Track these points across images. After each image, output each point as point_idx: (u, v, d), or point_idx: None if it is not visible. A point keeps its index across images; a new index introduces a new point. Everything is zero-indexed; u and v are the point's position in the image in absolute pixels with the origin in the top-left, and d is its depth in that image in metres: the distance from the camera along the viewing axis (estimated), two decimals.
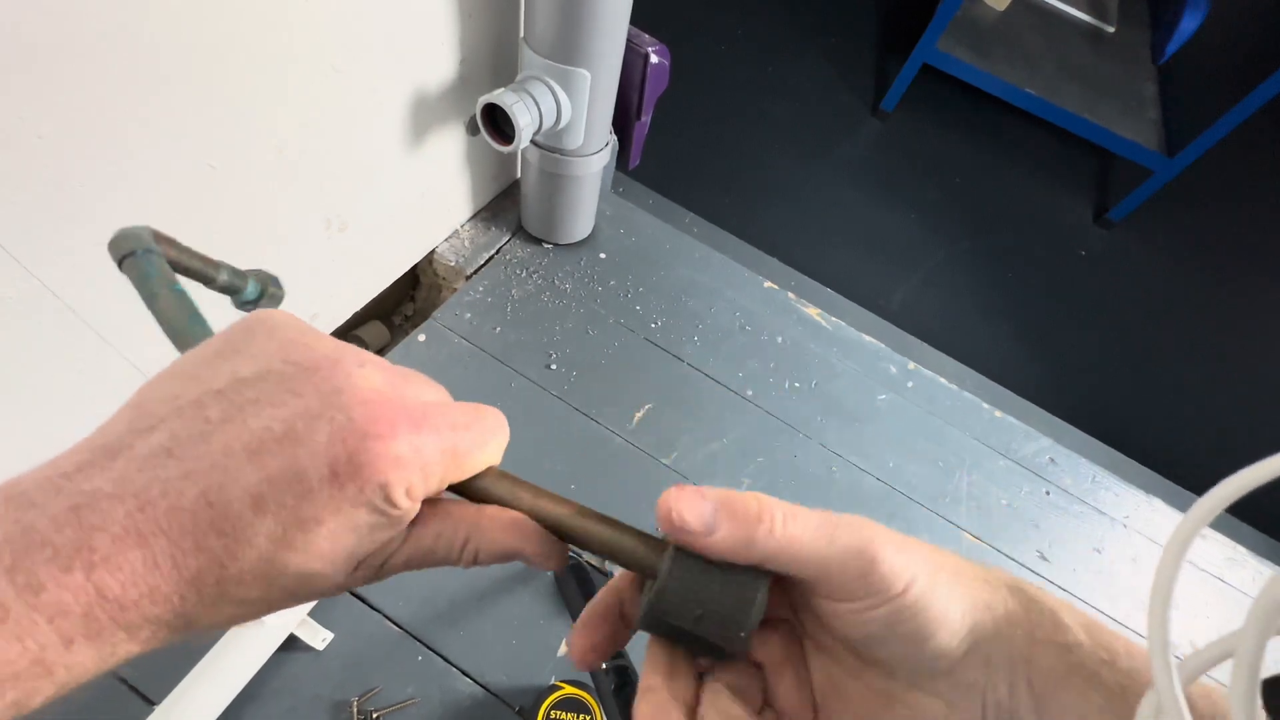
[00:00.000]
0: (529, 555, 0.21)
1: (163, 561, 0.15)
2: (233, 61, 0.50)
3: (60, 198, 0.45)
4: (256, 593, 0.17)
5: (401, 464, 0.17)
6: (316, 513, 0.16)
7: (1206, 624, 0.80)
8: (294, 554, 0.16)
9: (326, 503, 0.16)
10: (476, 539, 0.21)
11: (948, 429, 0.87)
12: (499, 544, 0.21)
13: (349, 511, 0.17)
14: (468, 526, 0.21)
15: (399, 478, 0.17)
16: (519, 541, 0.21)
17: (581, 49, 0.66)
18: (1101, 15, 1.95)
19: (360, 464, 0.17)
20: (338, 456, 0.16)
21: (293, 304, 0.73)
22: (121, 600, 0.15)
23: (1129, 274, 1.69)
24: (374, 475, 0.17)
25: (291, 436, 0.16)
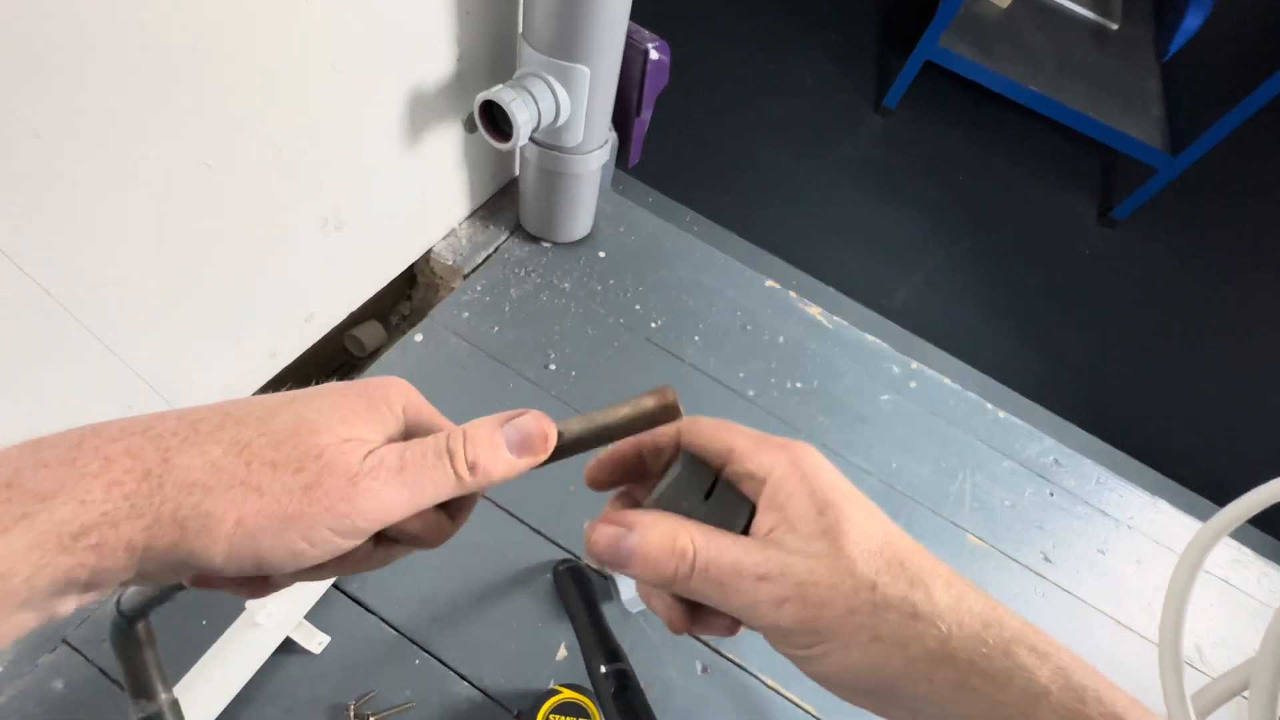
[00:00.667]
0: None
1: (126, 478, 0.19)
2: (230, 60, 0.49)
3: (58, 198, 0.44)
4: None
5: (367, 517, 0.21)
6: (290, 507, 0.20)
7: (1211, 625, 0.80)
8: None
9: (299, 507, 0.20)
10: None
11: (951, 430, 0.86)
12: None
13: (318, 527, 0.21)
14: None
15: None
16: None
17: (580, 45, 0.66)
18: (1105, 12, 1.94)
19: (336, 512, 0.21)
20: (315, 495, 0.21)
21: (290, 304, 0.73)
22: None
23: (1133, 273, 1.68)
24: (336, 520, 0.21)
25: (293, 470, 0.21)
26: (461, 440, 0.23)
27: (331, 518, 0.20)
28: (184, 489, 0.19)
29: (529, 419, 0.24)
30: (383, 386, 0.24)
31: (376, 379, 0.24)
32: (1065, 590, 0.77)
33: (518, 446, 0.23)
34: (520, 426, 0.24)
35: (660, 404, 0.25)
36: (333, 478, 0.20)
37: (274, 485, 0.20)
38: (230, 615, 0.57)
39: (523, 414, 0.24)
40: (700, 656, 0.65)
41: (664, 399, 0.25)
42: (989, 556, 0.78)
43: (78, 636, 0.57)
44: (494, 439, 0.23)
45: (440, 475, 0.22)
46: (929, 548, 0.81)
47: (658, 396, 0.25)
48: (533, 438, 0.24)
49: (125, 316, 0.53)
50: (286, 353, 0.72)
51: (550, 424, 0.24)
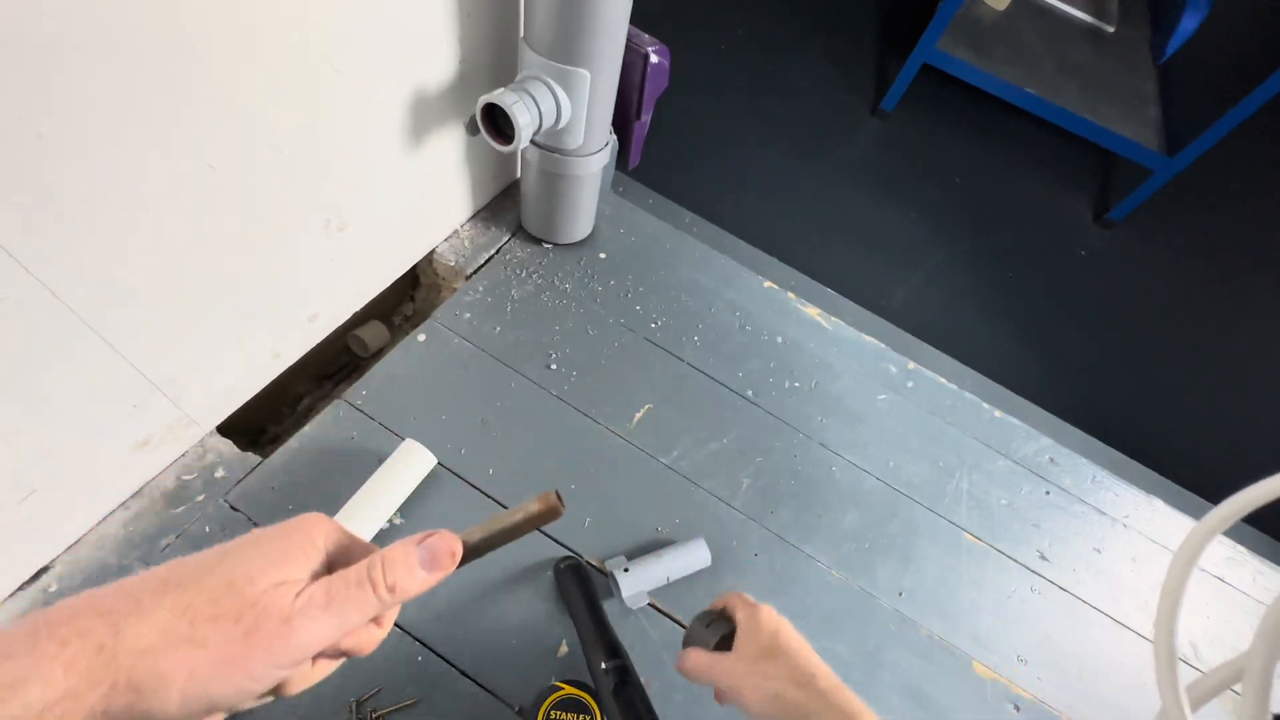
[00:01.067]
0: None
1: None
2: (233, 62, 0.50)
3: (62, 199, 0.45)
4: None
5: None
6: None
7: (1206, 623, 0.80)
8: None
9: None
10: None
11: (948, 429, 0.87)
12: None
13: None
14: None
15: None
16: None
17: (581, 48, 0.66)
18: (1102, 15, 1.95)
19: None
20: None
21: (292, 304, 0.73)
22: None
23: (1129, 274, 1.69)
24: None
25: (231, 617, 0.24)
26: (380, 567, 0.26)
27: (271, 655, 0.23)
28: (136, 655, 0.22)
29: (437, 539, 0.28)
30: (303, 527, 0.27)
31: (297, 520, 0.27)
32: (1062, 588, 0.78)
33: (429, 564, 0.27)
34: (430, 547, 0.27)
35: (544, 507, 0.29)
36: (269, 621, 0.23)
37: (217, 636, 0.23)
38: None
39: (432, 535, 0.28)
40: None
41: (546, 502, 0.29)
42: (986, 555, 0.78)
43: None
44: (409, 560, 0.27)
45: (363, 601, 0.25)
46: (926, 546, 0.82)
47: (541, 500, 0.29)
48: (441, 555, 0.27)
49: (129, 317, 0.53)
50: (289, 353, 0.73)
51: (456, 541, 0.28)
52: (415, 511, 0.67)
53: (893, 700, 0.67)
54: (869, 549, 0.76)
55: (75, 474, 0.57)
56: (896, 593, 0.73)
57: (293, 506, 0.66)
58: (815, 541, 0.75)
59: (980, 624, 0.74)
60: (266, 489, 0.66)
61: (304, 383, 0.87)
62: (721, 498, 0.75)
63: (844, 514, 0.77)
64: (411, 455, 0.67)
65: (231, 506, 0.65)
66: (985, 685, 0.70)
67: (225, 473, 0.67)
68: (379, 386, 0.75)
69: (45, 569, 0.59)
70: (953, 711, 0.68)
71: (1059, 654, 0.74)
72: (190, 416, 0.65)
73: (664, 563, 0.67)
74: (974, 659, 0.71)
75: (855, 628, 0.70)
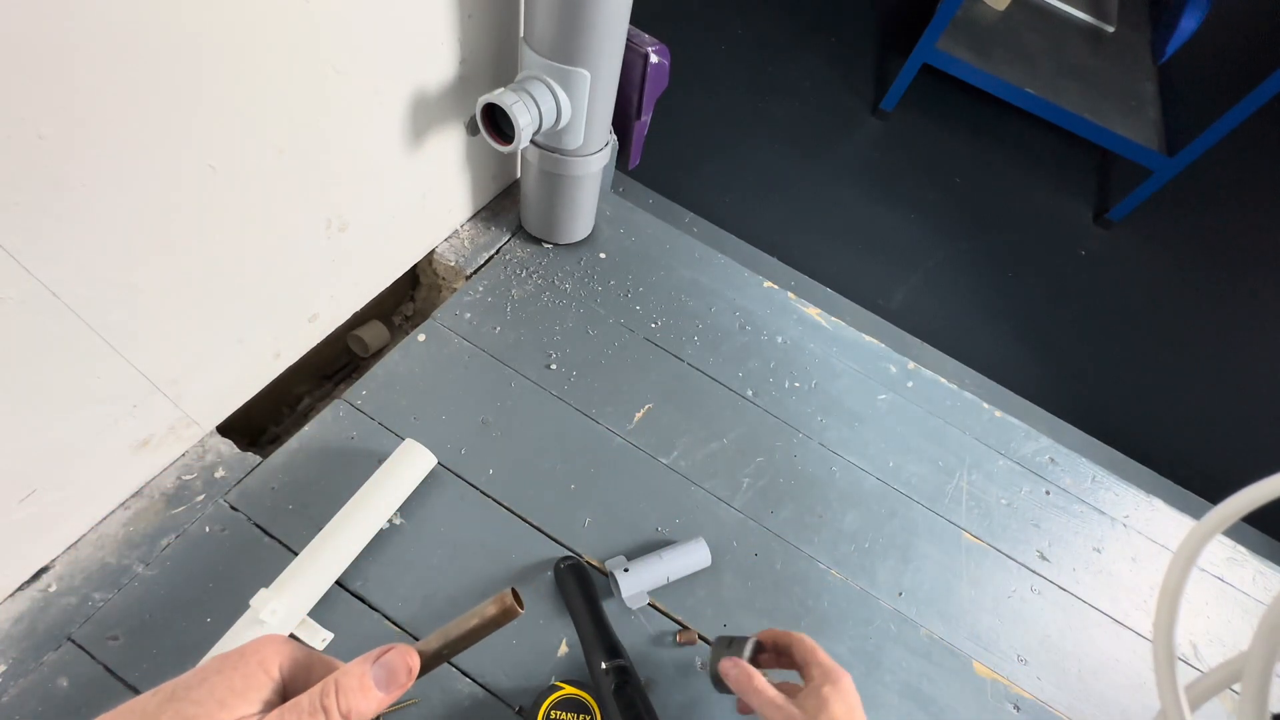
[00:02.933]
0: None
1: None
2: (233, 62, 0.50)
3: (63, 199, 0.45)
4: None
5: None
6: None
7: (1206, 623, 0.80)
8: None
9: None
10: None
11: (948, 429, 0.87)
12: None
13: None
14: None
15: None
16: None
17: (581, 49, 0.66)
18: (1101, 15, 1.95)
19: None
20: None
21: (293, 305, 0.73)
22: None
23: (1129, 273, 1.69)
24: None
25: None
26: (334, 693, 0.25)
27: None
28: None
29: (392, 656, 0.27)
30: (257, 652, 0.26)
31: (251, 645, 0.27)
32: (1061, 588, 0.78)
33: (385, 683, 0.26)
34: (386, 665, 0.26)
35: (500, 609, 0.28)
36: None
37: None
38: (234, 613, 0.58)
39: (387, 650, 0.27)
40: (700, 654, 0.66)
41: (502, 604, 0.28)
42: (985, 554, 0.78)
43: (82, 635, 0.57)
44: (363, 683, 0.26)
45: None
46: (926, 546, 0.82)
47: (497, 603, 0.28)
48: (398, 672, 0.27)
49: (129, 317, 0.53)
50: (290, 353, 0.73)
51: (413, 655, 0.27)
52: (415, 512, 0.68)
53: (893, 700, 0.67)
54: (869, 549, 0.76)
55: (75, 474, 0.57)
56: (896, 593, 0.73)
57: (293, 506, 0.66)
58: (815, 541, 0.75)
59: (980, 624, 0.74)
60: (266, 489, 0.66)
61: (304, 383, 0.87)
62: (721, 498, 0.75)
63: (844, 514, 0.77)
64: (411, 455, 0.67)
65: (231, 506, 0.65)
66: (985, 685, 0.70)
67: (225, 473, 0.67)
68: (379, 386, 0.75)
69: (45, 569, 0.59)
70: (953, 711, 0.68)
71: (1059, 654, 0.74)
72: (190, 416, 0.65)
73: (664, 563, 0.67)
74: (974, 659, 0.71)
75: (855, 628, 0.70)
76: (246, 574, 0.61)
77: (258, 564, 0.62)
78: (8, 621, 0.57)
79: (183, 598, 0.60)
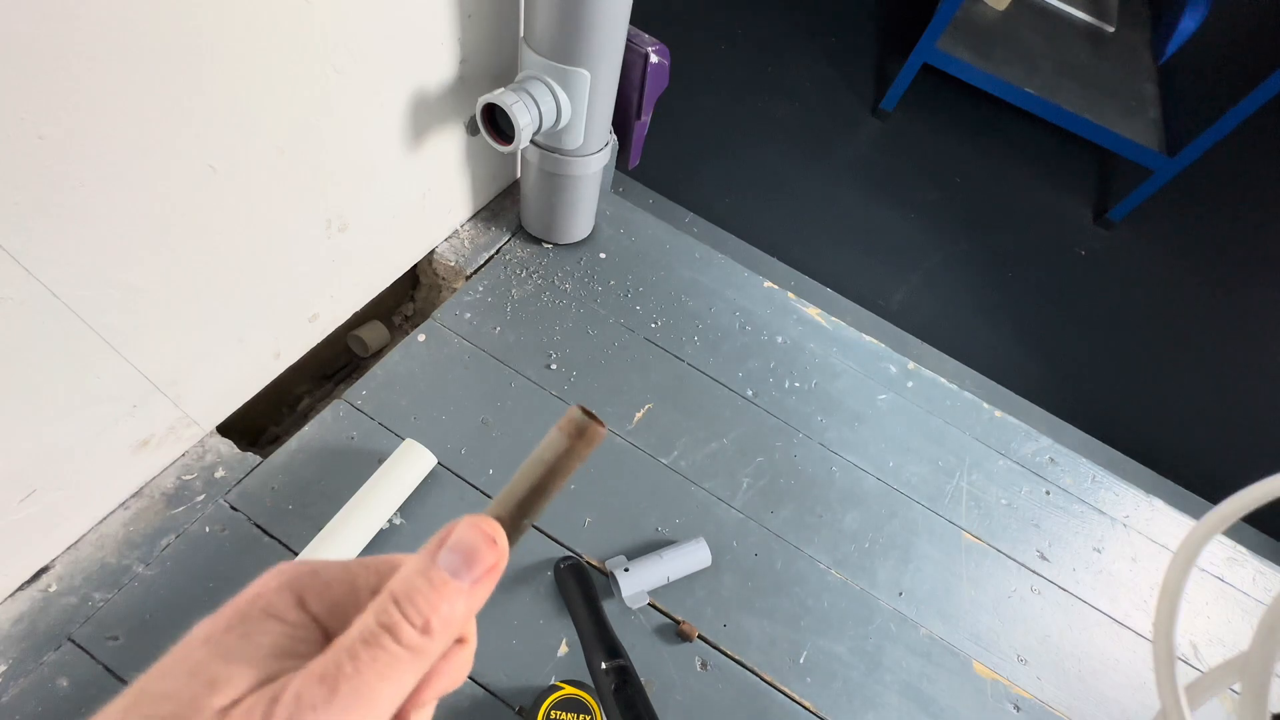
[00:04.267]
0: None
1: None
2: (233, 62, 0.50)
3: (63, 200, 0.45)
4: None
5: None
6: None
7: (1206, 623, 0.80)
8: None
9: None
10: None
11: (948, 429, 0.87)
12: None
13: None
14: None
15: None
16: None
17: (581, 49, 0.66)
18: (1102, 15, 1.95)
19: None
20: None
21: (293, 305, 0.73)
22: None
23: (1129, 274, 1.69)
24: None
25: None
26: (393, 605, 0.17)
27: None
28: None
29: (463, 530, 0.19)
30: (255, 598, 0.18)
31: (247, 590, 0.18)
32: (1061, 588, 0.78)
33: (465, 568, 0.18)
34: (457, 546, 0.19)
35: (574, 433, 0.21)
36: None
37: None
38: None
39: (452, 529, 0.19)
40: (700, 653, 0.66)
41: (575, 425, 0.21)
42: (985, 554, 0.78)
43: (82, 635, 0.57)
44: (433, 578, 0.18)
45: (389, 665, 0.17)
46: (926, 546, 0.82)
47: (568, 427, 0.21)
48: (476, 550, 0.19)
49: (130, 317, 0.53)
50: (290, 353, 0.73)
51: (488, 521, 0.20)
52: (415, 512, 0.68)
53: (893, 700, 0.67)
54: (869, 549, 0.76)
55: (75, 474, 0.57)
56: (896, 593, 0.73)
57: (293, 506, 0.66)
58: (815, 541, 0.75)
59: (980, 624, 0.74)
60: (266, 489, 0.66)
61: (304, 383, 0.87)
62: (721, 498, 0.75)
63: (844, 514, 0.77)
64: (411, 455, 0.67)
65: (231, 506, 0.65)
66: (985, 685, 0.70)
67: (225, 473, 0.67)
68: (379, 386, 0.75)
69: (45, 569, 0.59)
70: (953, 711, 0.68)
71: (1059, 654, 0.74)
72: (190, 416, 0.65)
73: (664, 563, 0.67)
74: (974, 659, 0.71)
75: (855, 628, 0.70)
76: (246, 574, 0.61)
77: (258, 564, 0.62)
78: (8, 621, 0.57)
79: (183, 598, 0.60)
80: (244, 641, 0.17)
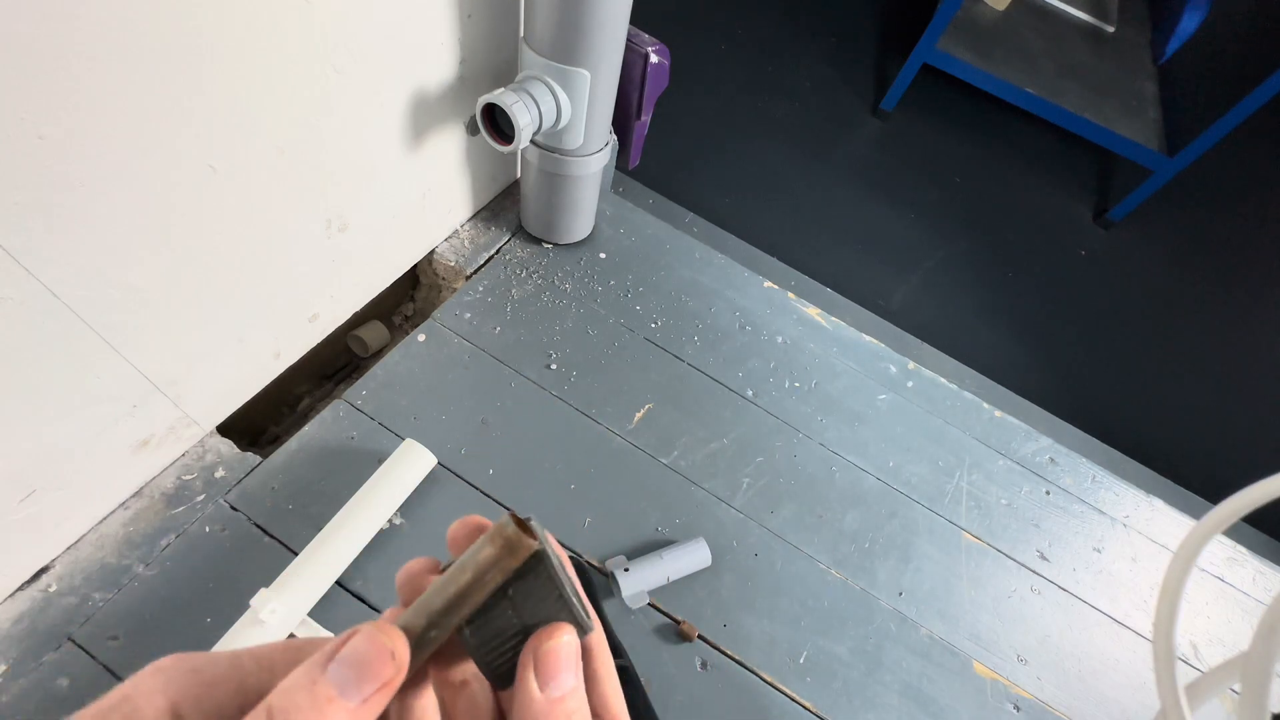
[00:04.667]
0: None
1: None
2: (233, 63, 0.50)
3: (63, 200, 0.45)
4: None
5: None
6: None
7: (1206, 623, 0.80)
8: None
9: None
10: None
11: (948, 429, 0.87)
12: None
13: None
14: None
15: None
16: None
17: (581, 49, 0.66)
18: (1102, 15, 1.95)
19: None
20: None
21: (293, 305, 0.73)
22: None
23: (1129, 274, 1.69)
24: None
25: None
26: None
27: None
28: None
29: (359, 641, 0.17)
30: (124, 699, 0.16)
31: (117, 691, 0.16)
32: (1061, 588, 0.78)
33: (354, 685, 0.16)
34: (349, 659, 0.16)
35: (502, 546, 0.19)
36: None
37: None
38: (234, 613, 0.58)
39: (351, 635, 0.17)
40: (700, 653, 0.66)
41: (504, 538, 0.19)
42: (986, 554, 0.78)
43: (82, 635, 0.57)
44: (316, 695, 0.16)
45: None
46: (926, 546, 0.81)
47: (496, 538, 0.19)
48: (371, 664, 0.17)
49: (130, 317, 0.53)
50: (290, 353, 0.73)
51: (390, 632, 0.17)
52: (415, 512, 0.68)
53: (893, 700, 0.67)
54: (869, 549, 0.76)
55: (75, 474, 0.57)
56: (896, 593, 0.73)
57: (292, 506, 0.66)
58: (815, 542, 0.75)
59: (980, 624, 0.74)
60: (266, 489, 0.66)
61: (304, 383, 0.87)
62: (721, 498, 0.75)
63: (844, 514, 0.77)
64: (411, 455, 0.67)
65: (231, 506, 0.65)
66: (985, 685, 0.70)
67: (225, 473, 0.67)
68: (379, 386, 0.75)
69: (45, 569, 0.59)
70: (953, 711, 0.68)
71: (1059, 654, 0.74)
72: (190, 416, 0.65)
73: (664, 563, 0.67)
74: (974, 659, 0.71)
75: (855, 628, 0.70)
76: (246, 574, 0.61)
77: (258, 564, 0.62)
78: (8, 621, 0.57)
79: (183, 598, 0.60)
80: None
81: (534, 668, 0.18)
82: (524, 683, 0.18)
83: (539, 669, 0.18)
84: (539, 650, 0.19)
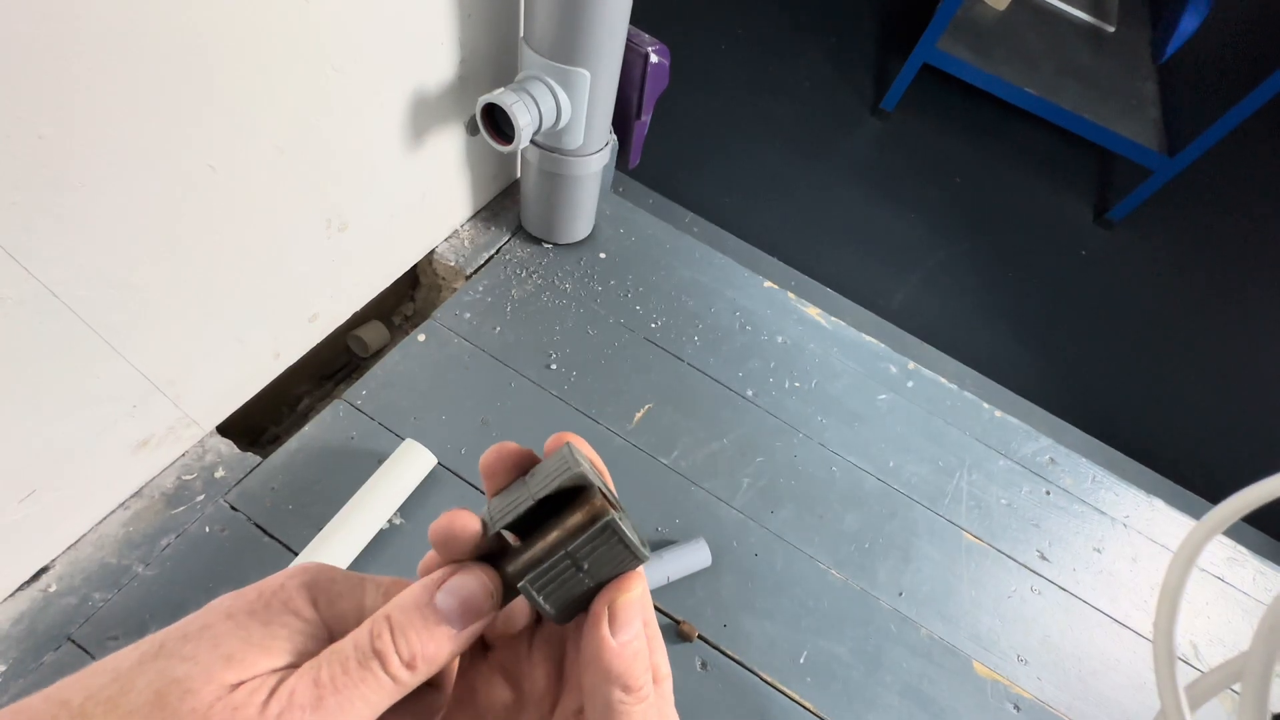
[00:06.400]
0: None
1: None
2: (233, 62, 0.50)
3: (63, 199, 0.45)
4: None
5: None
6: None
7: (1206, 623, 0.80)
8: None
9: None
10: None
11: (948, 429, 0.87)
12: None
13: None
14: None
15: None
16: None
17: (581, 49, 0.66)
18: (1102, 15, 1.95)
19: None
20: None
21: (293, 305, 0.73)
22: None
23: (1129, 274, 1.69)
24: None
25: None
26: (388, 633, 0.19)
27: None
28: None
29: (466, 578, 0.20)
30: (279, 589, 0.19)
31: (271, 580, 0.20)
32: (1061, 588, 0.78)
33: (458, 616, 0.19)
34: (458, 591, 0.20)
35: (588, 516, 0.21)
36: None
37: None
38: None
39: (455, 571, 0.20)
40: (700, 653, 0.66)
41: (592, 511, 0.21)
42: (985, 554, 0.78)
43: (82, 635, 0.57)
44: (427, 618, 0.19)
45: (372, 688, 0.18)
46: (926, 546, 0.82)
47: (585, 509, 0.21)
48: (477, 600, 0.20)
49: (130, 317, 0.53)
50: (290, 353, 0.73)
51: (491, 573, 0.21)
52: (415, 512, 0.68)
53: (893, 700, 0.67)
54: (869, 549, 0.76)
55: (75, 474, 0.57)
56: (896, 593, 0.73)
57: (293, 506, 0.66)
58: (815, 541, 0.75)
59: (980, 624, 0.74)
60: (266, 489, 0.66)
61: (304, 383, 0.87)
62: (721, 498, 0.75)
63: (844, 514, 0.77)
64: (411, 455, 0.67)
65: (231, 506, 0.65)
66: (985, 685, 0.70)
67: (225, 473, 0.67)
68: (379, 386, 0.75)
69: (45, 569, 0.59)
70: (953, 711, 0.68)
71: (1059, 654, 0.74)
72: (190, 416, 0.65)
73: (664, 563, 0.67)
74: (974, 659, 0.71)
75: (855, 628, 0.70)
76: (246, 574, 0.61)
77: (258, 564, 0.62)
78: (8, 621, 0.57)
79: (183, 598, 0.60)
80: (263, 629, 0.18)
81: (608, 618, 0.20)
82: (597, 629, 0.20)
83: (613, 619, 0.20)
84: (614, 603, 0.21)
